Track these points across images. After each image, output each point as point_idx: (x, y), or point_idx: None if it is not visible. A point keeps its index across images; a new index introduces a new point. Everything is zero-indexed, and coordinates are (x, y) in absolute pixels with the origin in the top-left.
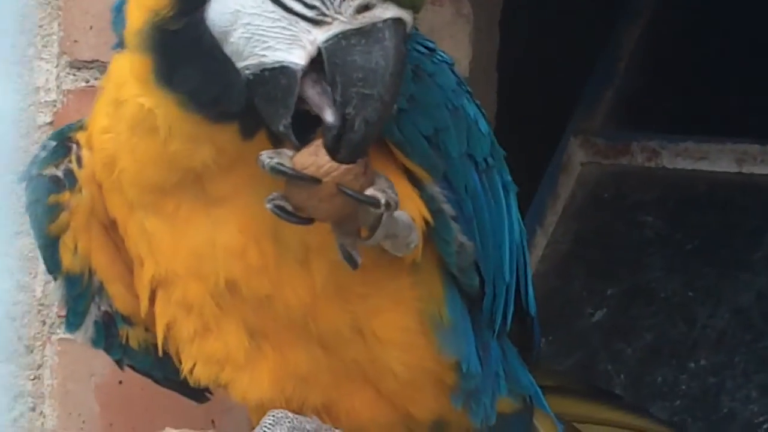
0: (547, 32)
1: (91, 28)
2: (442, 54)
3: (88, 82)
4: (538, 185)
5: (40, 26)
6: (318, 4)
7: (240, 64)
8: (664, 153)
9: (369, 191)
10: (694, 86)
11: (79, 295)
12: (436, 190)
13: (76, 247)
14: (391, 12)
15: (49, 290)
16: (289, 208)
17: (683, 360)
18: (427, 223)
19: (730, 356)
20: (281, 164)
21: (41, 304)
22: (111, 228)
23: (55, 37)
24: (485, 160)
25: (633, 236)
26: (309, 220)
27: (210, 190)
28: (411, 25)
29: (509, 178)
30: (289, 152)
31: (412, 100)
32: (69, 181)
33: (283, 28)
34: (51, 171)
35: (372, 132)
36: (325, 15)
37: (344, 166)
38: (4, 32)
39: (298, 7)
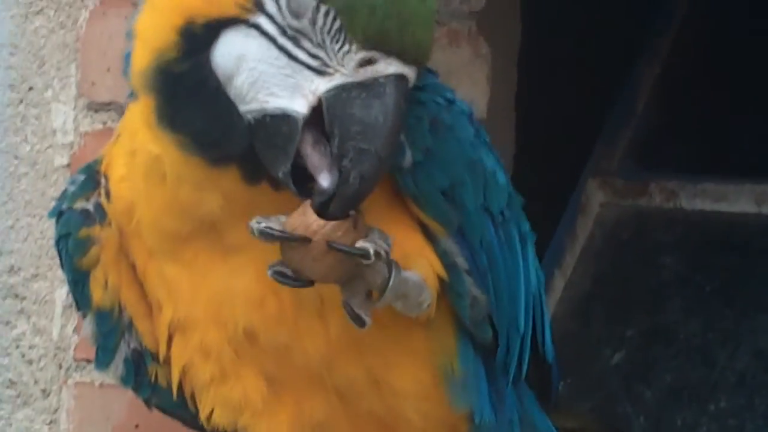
0: (565, 72)
1: (108, 70)
2: (462, 104)
3: (105, 124)
4: (557, 226)
5: (58, 68)
6: (322, 54)
7: (242, 108)
8: (683, 194)
9: (358, 243)
10: (712, 127)
11: (110, 331)
12: (450, 244)
13: (106, 282)
14: (393, 68)
15: (66, 334)
16: (289, 272)
17: (703, 402)
18: (441, 280)
19: (751, 398)
20: (269, 228)
21: (57, 348)
22: (136, 266)
23: (72, 79)
24: (502, 212)
25: (652, 277)
26: (309, 282)
27: (226, 238)
28: (414, 80)
29: (527, 227)
30: (282, 217)
31: (428, 154)
32: (99, 215)
33: (287, 75)
34: (82, 204)
35: (366, 187)
36: (327, 66)
37: (332, 223)
38: (22, 75)
39: (302, 56)
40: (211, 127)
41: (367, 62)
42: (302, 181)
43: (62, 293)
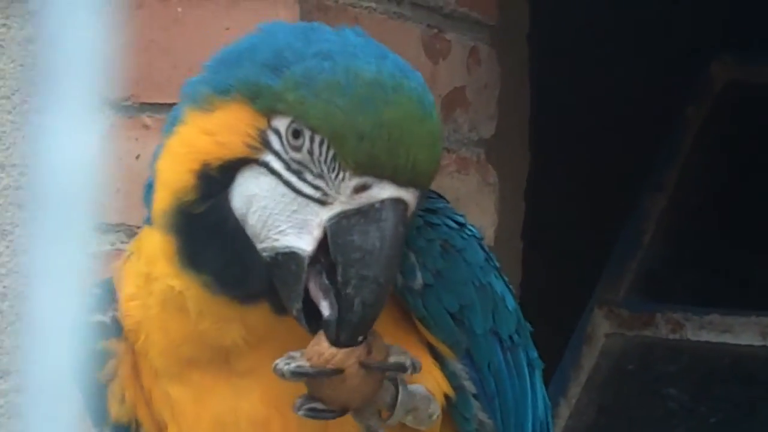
0: (572, 203)
1: (117, 191)
2: (472, 228)
3: (113, 245)
4: (562, 356)
5: None
6: (321, 184)
7: (259, 247)
8: (689, 325)
9: (392, 358)
10: (719, 259)
11: None
12: (458, 366)
13: (123, 397)
14: (388, 192)
15: None
16: (319, 406)
17: None
18: (448, 398)
19: None
20: (300, 366)
21: None
22: (143, 384)
23: None
24: (510, 337)
25: (657, 408)
26: (343, 411)
27: (235, 363)
28: (415, 203)
29: (535, 354)
30: (296, 353)
31: (438, 276)
32: (115, 328)
33: (294, 211)
34: (98, 318)
35: (370, 313)
36: (327, 195)
37: (344, 351)
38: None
39: (306, 189)
40: (232, 267)
41: (362, 188)
42: (318, 315)
43: None
